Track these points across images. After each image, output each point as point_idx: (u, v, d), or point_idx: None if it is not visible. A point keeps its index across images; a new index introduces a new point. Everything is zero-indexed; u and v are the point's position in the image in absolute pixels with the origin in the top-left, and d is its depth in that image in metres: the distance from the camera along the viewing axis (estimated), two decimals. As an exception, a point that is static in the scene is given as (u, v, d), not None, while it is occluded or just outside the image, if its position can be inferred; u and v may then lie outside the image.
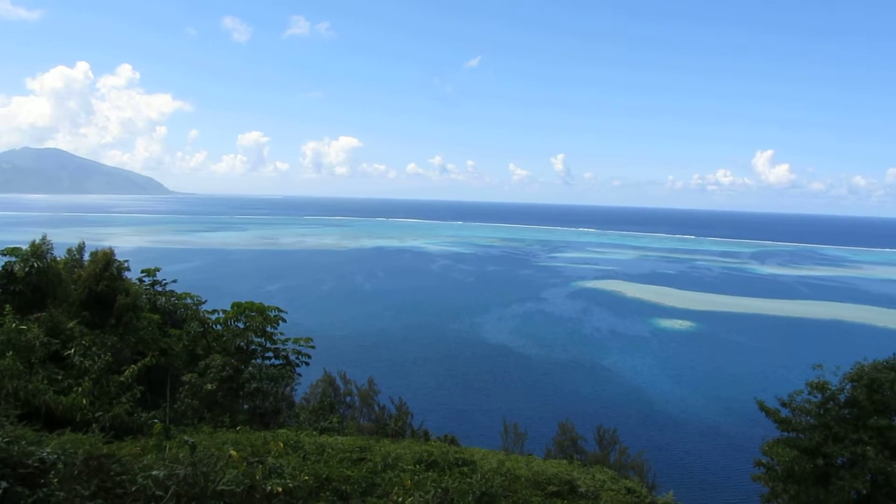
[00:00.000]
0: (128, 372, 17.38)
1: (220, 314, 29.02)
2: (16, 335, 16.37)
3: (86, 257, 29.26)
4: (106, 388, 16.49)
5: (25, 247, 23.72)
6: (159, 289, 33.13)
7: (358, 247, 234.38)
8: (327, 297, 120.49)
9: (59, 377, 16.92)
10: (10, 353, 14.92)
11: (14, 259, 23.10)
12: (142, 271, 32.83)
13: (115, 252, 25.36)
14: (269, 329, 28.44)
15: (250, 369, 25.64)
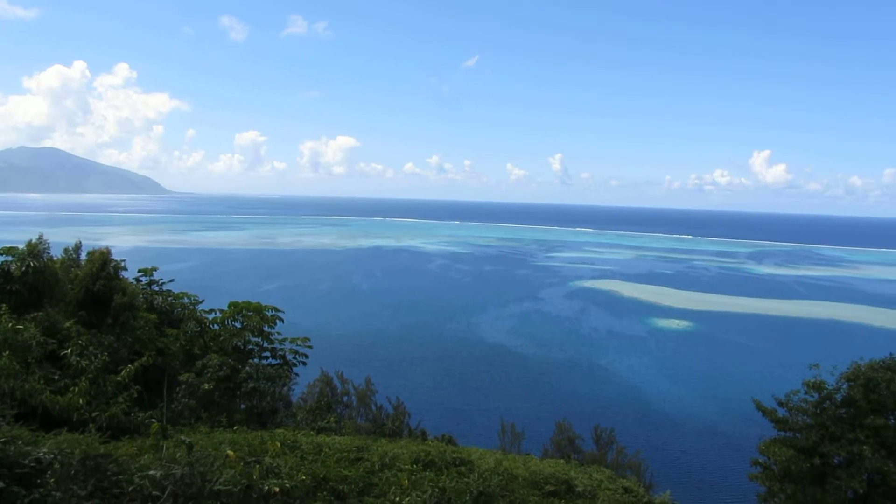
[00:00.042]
0: (124, 372, 17.34)
1: (218, 314, 29.00)
2: (12, 335, 16.32)
3: (82, 257, 29.19)
4: (103, 388, 16.46)
5: (22, 246, 23.67)
6: (156, 288, 33.12)
7: (355, 246, 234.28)
8: (325, 296, 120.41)
9: (56, 377, 16.86)
10: (7, 352, 14.87)
11: (10, 258, 23.05)
12: (139, 271, 32.81)
13: (111, 251, 25.31)
14: (266, 329, 28.43)
15: (247, 369, 25.60)
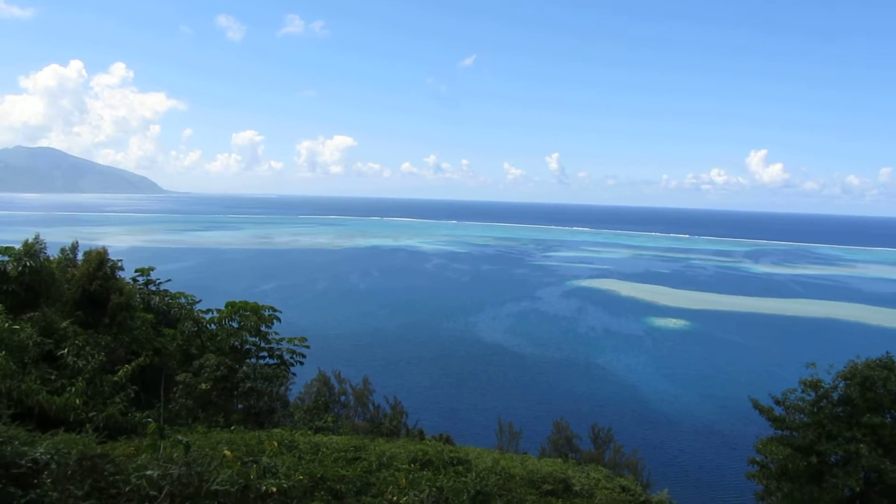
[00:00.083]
0: (121, 372, 17.33)
1: (215, 313, 29.00)
2: (9, 335, 16.28)
3: (79, 257, 29.12)
4: (100, 388, 16.45)
5: (18, 246, 23.63)
6: (153, 288, 33.10)
7: (352, 246, 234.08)
8: (322, 296, 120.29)
9: (53, 377, 16.84)
10: (3, 352, 14.82)
11: (7, 258, 23.01)
12: (136, 271, 32.79)
13: (108, 251, 25.28)
14: (263, 328, 28.43)
15: (245, 369, 25.61)
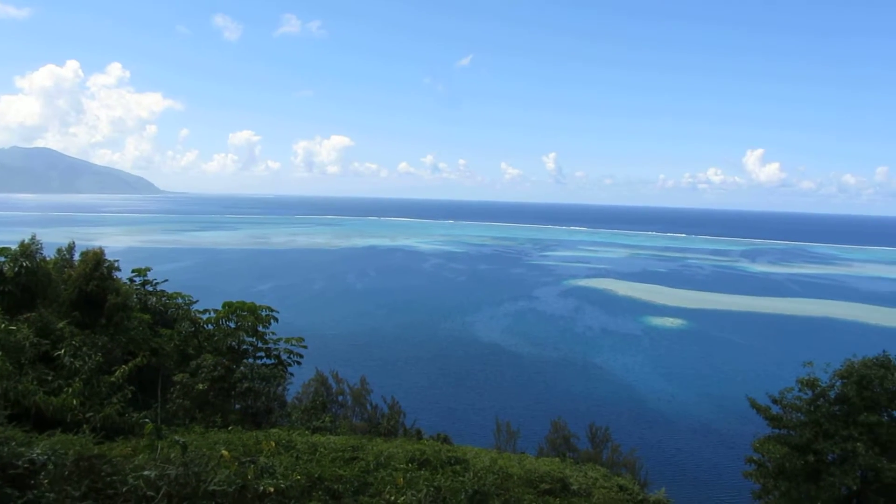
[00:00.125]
0: (118, 372, 17.30)
1: (212, 314, 28.99)
2: (5, 336, 16.24)
3: (76, 257, 29.08)
4: (97, 389, 16.42)
5: (14, 247, 23.56)
6: (150, 288, 33.02)
7: (349, 246, 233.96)
8: (319, 296, 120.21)
9: (50, 378, 16.80)
10: (0, 353, 14.81)
11: (3, 259, 22.94)
12: (132, 271, 32.72)
13: (105, 252, 25.23)
14: (260, 328, 28.44)
15: (242, 369, 25.57)
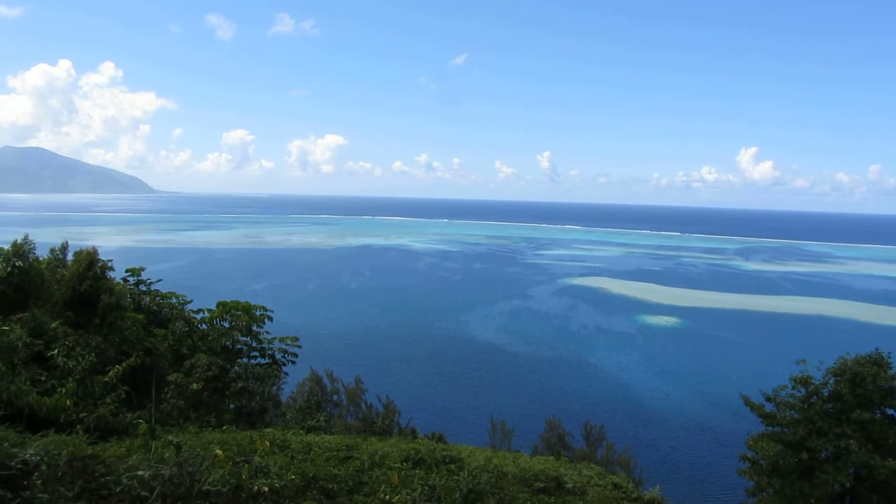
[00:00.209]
0: (112, 372, 17.22)
1: (206, 313, 28.91)
2: (-3, 336, 16.17)
3: (69, 257, 28.96)
4: (90, 389, 16.34)
5: (7, 246, 23.46)
6: (144, 288, 32.94)
7: (344, 245, 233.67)
8: (313, 295, 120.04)
9: (43, 378, 16.71)
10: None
11: (-5, 259, 22.83)
12: (126, 271, 32.63)
13: (98, 251, 25.16)
14: (254, 328, 28.38)
15: (236, 368, 25.51)
